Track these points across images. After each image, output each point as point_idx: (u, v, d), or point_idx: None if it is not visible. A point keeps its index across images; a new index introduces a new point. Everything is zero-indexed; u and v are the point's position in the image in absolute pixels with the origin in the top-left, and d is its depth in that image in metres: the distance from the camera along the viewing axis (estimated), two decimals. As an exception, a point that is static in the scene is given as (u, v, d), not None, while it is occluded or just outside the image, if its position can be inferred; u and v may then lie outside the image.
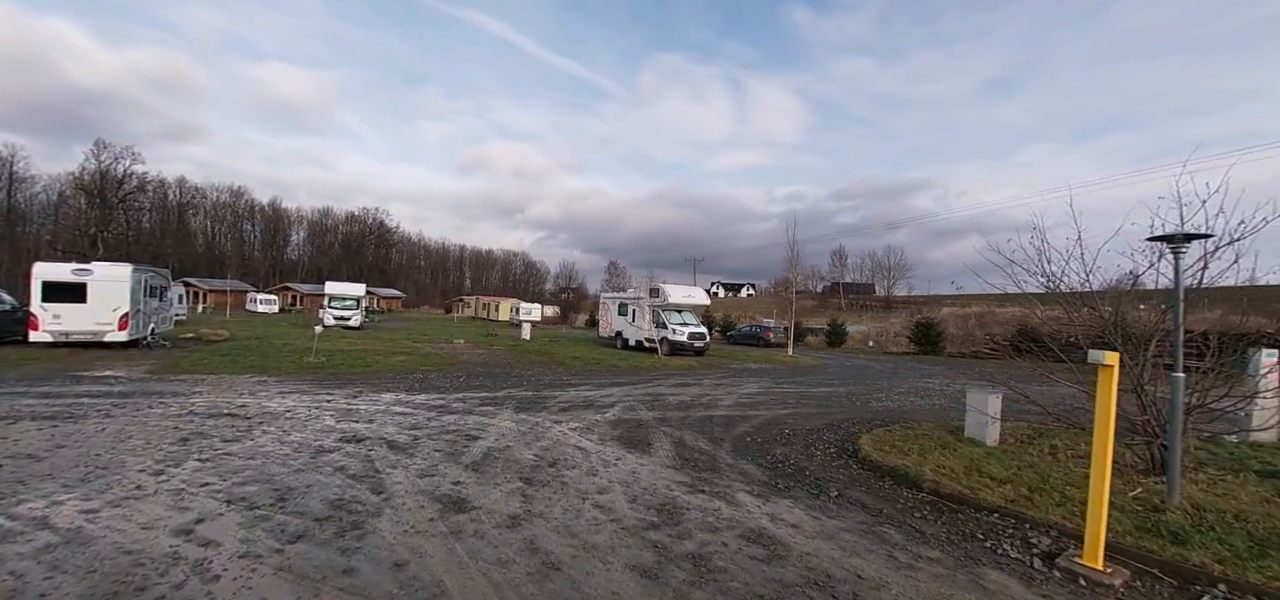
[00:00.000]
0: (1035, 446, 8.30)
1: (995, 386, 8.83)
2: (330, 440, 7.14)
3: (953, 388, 16.59)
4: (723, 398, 12.39)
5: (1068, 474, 6.69)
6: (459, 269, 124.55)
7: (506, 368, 16.81)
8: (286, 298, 74.78)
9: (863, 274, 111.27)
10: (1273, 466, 7.46)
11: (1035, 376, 19.17)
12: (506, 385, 12.92)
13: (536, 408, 10.09)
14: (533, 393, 11.89)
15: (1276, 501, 5.79)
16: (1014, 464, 7.06)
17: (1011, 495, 5.88)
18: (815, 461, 7.37)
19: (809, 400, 12.69)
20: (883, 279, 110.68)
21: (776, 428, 9.40)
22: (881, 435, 8.67)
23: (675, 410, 10.51)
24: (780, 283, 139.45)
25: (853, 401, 12.85)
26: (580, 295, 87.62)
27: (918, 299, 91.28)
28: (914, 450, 7.59)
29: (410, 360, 17.09)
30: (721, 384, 14.92)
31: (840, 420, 10.41)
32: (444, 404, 10.06)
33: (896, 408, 12.31)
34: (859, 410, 11.68)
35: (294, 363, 15.10)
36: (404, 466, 6.11)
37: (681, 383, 14.82)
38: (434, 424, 8.35)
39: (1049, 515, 5.35)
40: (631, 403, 11.11)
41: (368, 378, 13.23)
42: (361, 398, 10.40)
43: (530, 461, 6.55)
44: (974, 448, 7.92)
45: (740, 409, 11.06)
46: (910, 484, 6.41)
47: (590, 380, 14.55)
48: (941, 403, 13.34)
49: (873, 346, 40.30)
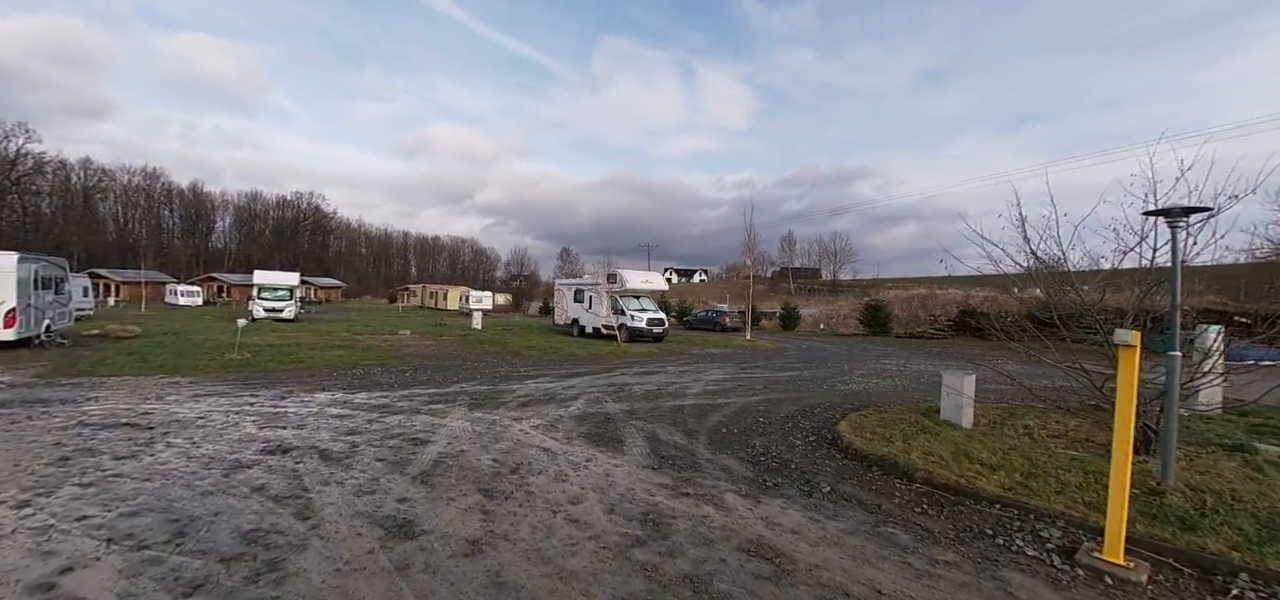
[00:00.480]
0: (1009, 427, 8.20)
1: (968, 368, 8.66)
2: (250, 452, 6.10)
3: (910, 368, 16.78)
4: (690, 385, 11.88)
5: (1053, 456, 6.52)
6: (403, 256, 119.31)
7: (457, 359, 15.73)
8: (211, 289, 69.33)
9: (810, 259, 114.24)
10: (1232, 440, 7.60)
11: (981, 356, 19.53)
12: (458, 379, 11.94)
13: (493, 404, 9.24)
14: (488, 387, 11.00)
15: (1258, 478, 5.75)
16: (997, 447, 6.84)
17: (1007, 483, 5.59)
18: (798, 453, 6.93)
19: (776, 385, 12.37)
20: (829, 263, 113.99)
21: (750, 416, 8.94)
22: (858, 421, 8.36)
23: (643, 401, 9.89)
24: (732, 268, 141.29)
25: (819, 385, 12.64)
26: (533, 282, 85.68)
27: (862, 282, 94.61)
28: (897, 436, 7.28)
29: (350, 354, 15.72)
30: (686, 370, 14.44)
31: (812, 405, 10.10)
32: (388, 403, 9.05)
33: (862, 390, 12.17)
34: (827, 394, 11.44)
35: (214, 361, 13.52)
36: (339, 482, 5.21)
37: (645, 371, 14.24)
38: (376, 427, 7.39)
39: (1051, 504, 5.07)
40: (596, 394, 10.41)
41: (300, 375, 11.93)
42: (292, 399, 9.24)
43: (489, 468, 5.77)
44: (953, 431, 7.71)
45: (709, 397, 10.57)
46: (901, 474, 6.05)
47: (549, 371, 13.74)
48: (903, 384, 13.35)
49: (824, 329, 41.11)
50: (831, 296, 76.85)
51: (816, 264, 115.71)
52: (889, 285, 64.86)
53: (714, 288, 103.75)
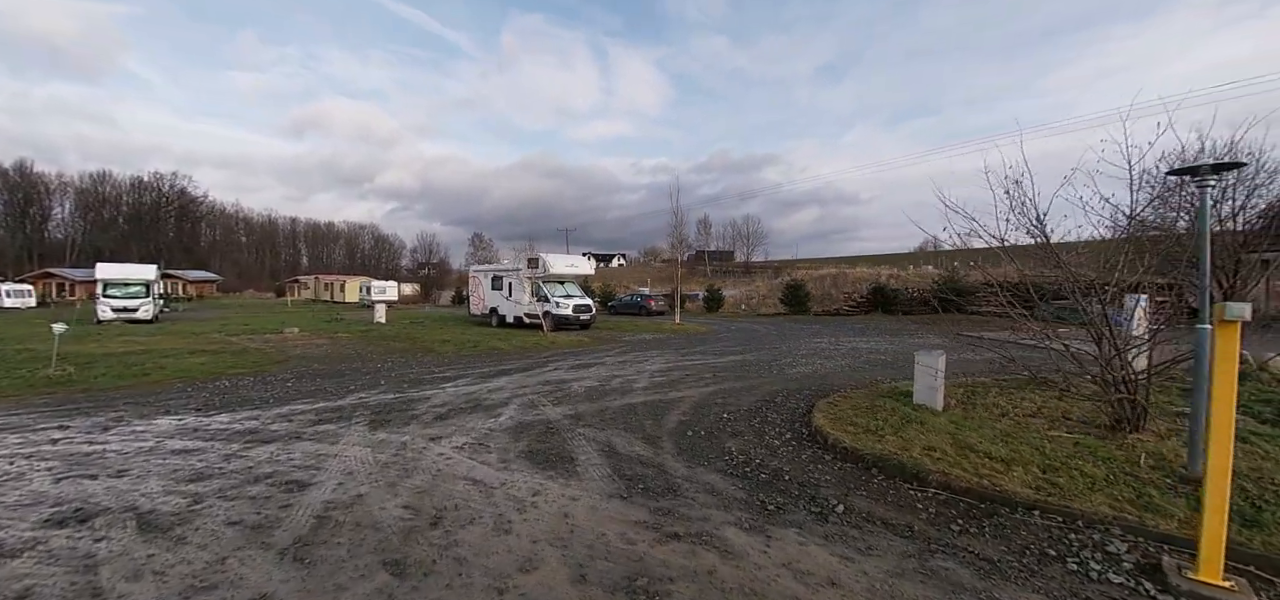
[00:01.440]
0: (981, 407, 7.71)
1: (935, 348, 8.09)
2: (26, 525, 4.08)
3: (844, 346, 16.62)
4: (634, 379, 10.63)
5: (1053, 442, 5.94)
6: (293, 246, 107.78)
7: (356, 361, 13.41)
8: (48, 287, 58.45)
9: (724, 242, 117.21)
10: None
11: (900, 329, 19.74)
12: (356, 386, 9.88)
13: (402, 417, 7.44)
14: (394, 394, 9.08)
15: (1272, 457, 5.44)
16: (991, 434, 6.21)
17: (1031, 481, 4.85)
18: (782, 456, 5.89)
19: (724, 373, 11.44)
20: (742, 246, 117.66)
21: (711, 412, 7.85)
22: (831, 410, 7.52)
23: (586, 401, 8.50)
24: (650, 251, 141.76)
25: (768, 369, 11.87)
26: (443, 270, 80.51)
27: (774, 263, 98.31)
28: (883, 428, 6.46)
29: (216, 361, 12.91)
30: (625, 361, 13.18)
31: (770, 394, 9.21)
32: (258, 426, 6.99)
33: (812, 372, 11.54)
34: (780, 380, 10.65)
35: (21, 378, 10.41)
36: (159, 572, 3.42)
37: (580, 363, 12.79)
38: (235, 466, 5.46)
39: (1094, 505, 4.34)
40: (529, 396, 8.87)
41: (141, 393, 9.33)
42: (119, 429, 6.92)
43: (398, 522, 4.17)
44: (935, 416, 7.05)
45: (659, 391, 9.37)
46: (910, 478, 5.16)
47: (470, 369, 11.92)
48: (847, 363, 12.94)
49: (745, 310, 41.55)
50: (747, 278, 78.98)
51: (730, 247, 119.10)
52: (799, 266, 67.37)
53: (634, 272, 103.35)
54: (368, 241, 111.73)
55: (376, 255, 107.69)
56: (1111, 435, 6.17)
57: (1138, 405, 6.23)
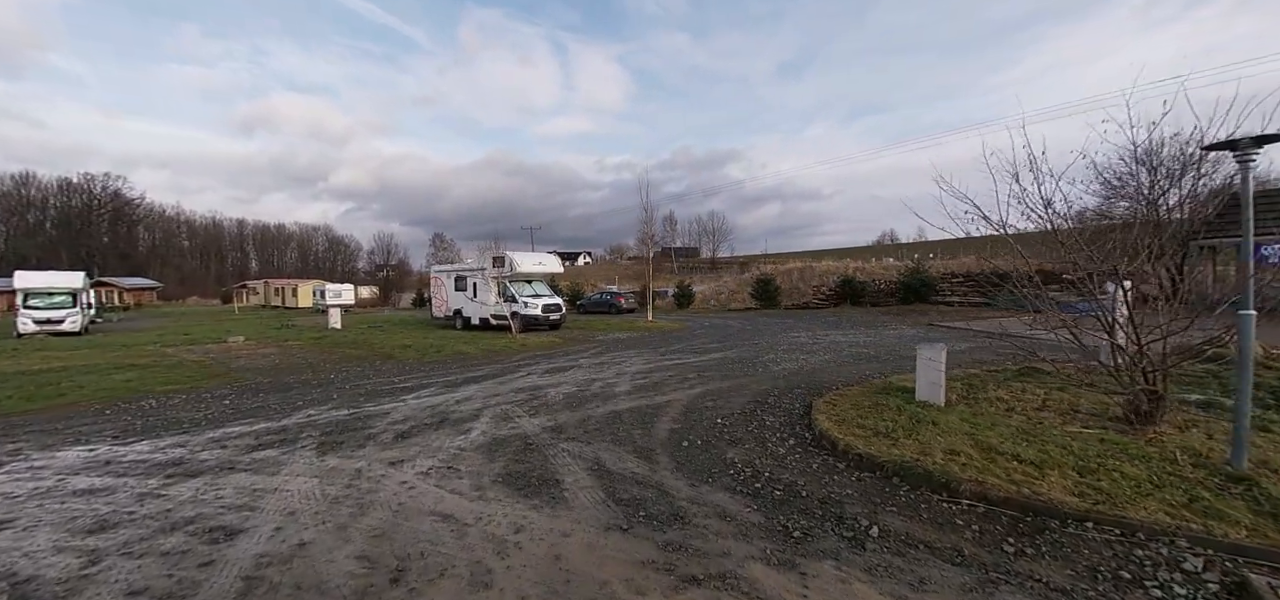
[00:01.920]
0: (983, 401, 7.33)
1: (936, 340, 7.68)
2: None
3: (824, 340, 16.31)
4: (615, 382, 9.94)
5: (1076, 438, 5.55)
6: (240, 249, 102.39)
7: (306, 372, 12.27)
8: (-42, 300, 53.45)
9: (690, 238, 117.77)
10: (1199, 395, 7.34)
11: (874, 321, 19.58)
12: (305, 402, 8.87)
13: (356, 438, 6.56)
14: (349, 410, 8.14)
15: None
16: (1006, 432, 5.79)
17: (1071, 486, 4.40)
18: (792, 467, 5.31)
19: (709, 372, 10.87)
20: (708, 242, 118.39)
21: (704, 417, 7.24)
22: (832, 411, 7.01)
23: (566, 410, 7.77)
24: (617, 248, 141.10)
25: (752, 367, 11.36)
26: (403, 272, 77.74)
27: (740, 259, 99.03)
28: (898, 430, 5.97)
29: (145, 377, 11.57)
30: (602, 363, 12.46)
31: (761, 393, 8.67)
32: (183, 456, 6.00)
33: (798, 369, 11.08)
34: (767, 378, 10.14)
35: (-100, 406, 8.97)
36: (14, 677, 2.55)
37: (555, 367, 12.01)
38: (149, 508, 4.52)
39: (1151, 514, 3.90)
40: (502, 407, 8.07)
41: (51, 418, 8.10)
42: (13, 465, 5.81)
43: (350, 579, 3.37)
44: (944, 414, 6.61)
45: (644, 394, 8.71)
46: (937, 487, 4.66)
47: (434, 377, 10.99)
48: (830, 357, 12.56)
49: (716, 306, 41.35)
50: (713, 274, 79.18)
51: (696, 243, 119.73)
52: (765, 260, 67.87)
53: (600, 270, 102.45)
54: (321, 243, 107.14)
55: (331, 258, 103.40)
56: (1132, 429, 5.83)
57: (1155, 397, 5.92)
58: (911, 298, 29.76)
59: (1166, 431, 5.67)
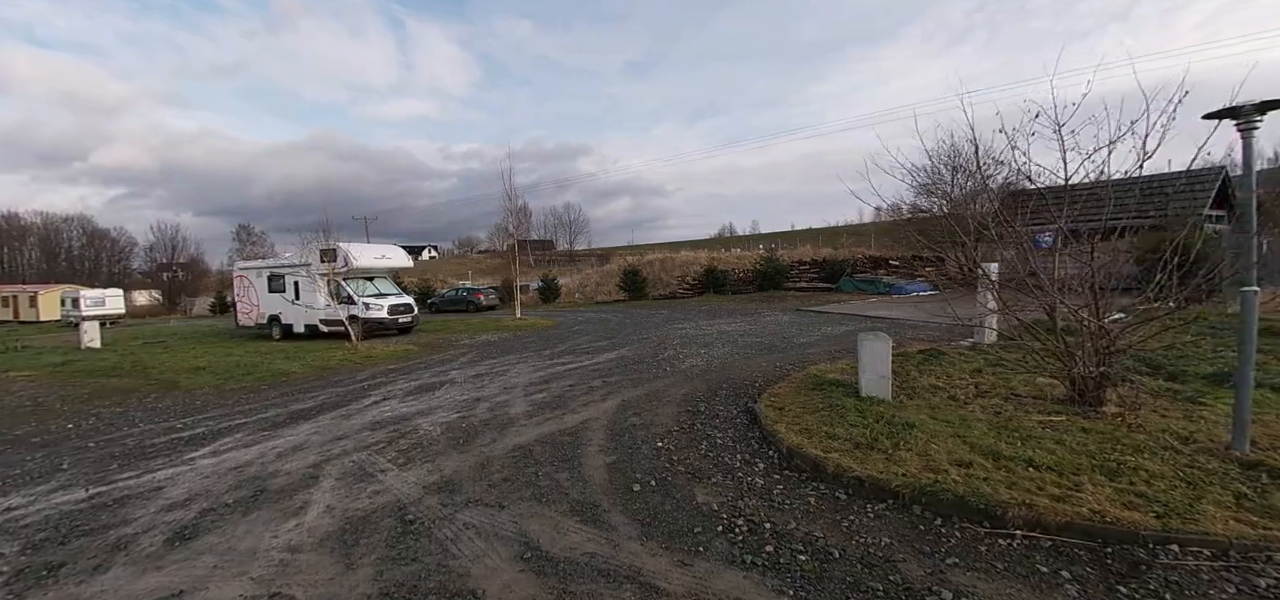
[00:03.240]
0: (923, 392, 6.87)
1: (880, 334, 7.07)
2: None
3: (714, 330, 15.73)
4: (507, 399, 7.95)
5: (1051, 427, 5.11)
6: (-67, 248, 75.92)
7: (26, 420, 8.24)
8: None
9: (544, 230, 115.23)
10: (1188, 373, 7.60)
11: (741, 308, 19.63)
12: (8, 481, 5.55)
13: (89, 554, 3.88)
14: (87, 492, 5.13)
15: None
16: (985, 429, 5.18)
17: (1118, 498, 3.73)
18: (789, 508, 4.05)
19: (613, 376, 9.36)
20: (564, 234, 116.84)
21: (639, 440, 5.73)
22: (786, 419, 5.97)
23: (452, 451, 5.70)
24: (466, 241, 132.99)
25: (657, 367, 10.11)
26: (197, 272, 63.83)
27: (598, 251, 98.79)
28: (879, 438, 5.04)
29: None
30: (480, 374, 10.25)
31: (685, 399, 7.41)
32: None
33: (708, 365, 10.08)
34: (682, 379, 8.94)
35: None
36: None
37: (420, 385, 9.53)
38: None
39: (1224, 525, 3.29)
40: (354, 456, 5.71)
41: None
42: None
43: None
44: (907, 411, 5.89)
45: (550, 415, 6.93)
46: (978, 516, 3.72)
47: (242, 416, 7.94)
48: (733, 350, 11.82)
49: (582, 298, 40.00)
50: (572, 266, 77.86)
51: (550, 235, 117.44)
52: (623, 252, 68.31)
53: (450, 265, 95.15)
54: (76, 237, 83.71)
55: (91, 256, 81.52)
56: (1085, 412, 5.60)
57: (1103, 376, 5.76)
58: (767, 285, 31.26)
59: (1124, 412, 5.49)
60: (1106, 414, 5.56)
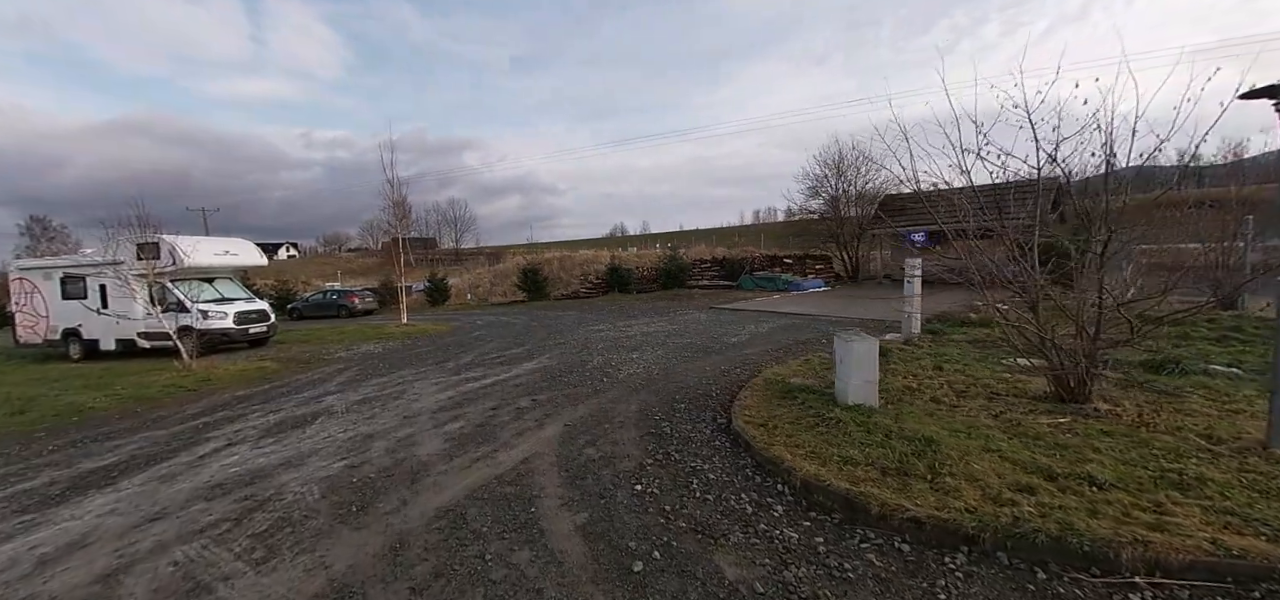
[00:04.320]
0: (900, 393, 6.30)
1: (857, 334, 6.39)
2: None
3: (635, 332, 14.63)
4: (412, 434, 6.15)
5: (1071, 431, 4.62)
6: None
7: None
8: None
9: (427, 227, 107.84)
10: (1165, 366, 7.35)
11: (659, 307, 18.96)
12: None
13: None
14: None
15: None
16: (1016, 443, 4.58)
17: (1207, 520, 3.16)
18: (849, 579, 3.01)
19: (540, 392, 7.87)
20: (449, 231, 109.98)
21: (609, 482, 4.41)
22: (785, 442, 4.99)
23: (339, 529, 3.95)
24: (333, 239, 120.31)
25: (587, 377, 8.76)
26: (-44, 277, 50.07)
27: (487, 249, 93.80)
28: (911, 460, 4.19)
29: None
30: (367, 398, 8.19)
31: (641, 419, 6.20)
32: None
33: (646, 372, 8.94)
34: (622, 391, 7.70)
35: None
36: None
37: (283, 420, 7.29)
38: None
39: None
40: (180, 564, 3.75)
41: None
42: None
43: None
44: (921, 423, 5.17)
45: (477, 454, 5.33)
46: (1079, 561, 2.95)
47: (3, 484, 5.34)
48: (667, 353, 10.79)
49: (474, 299, 37.13)
50: (459, 265, 73.10)
51: (435, 233, 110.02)
52: (518, 251, 65.35)
53: (313, 264, 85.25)
54: None
55: None
56: (1082, 410, 5.26)
57: (1090, 373, 5.48)
58: (672, 283, 30.94)
59: (1116, 409, 5.21)
60: (1102, 410, 5.26)
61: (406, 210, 21.25)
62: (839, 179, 32.66)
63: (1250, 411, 4.91)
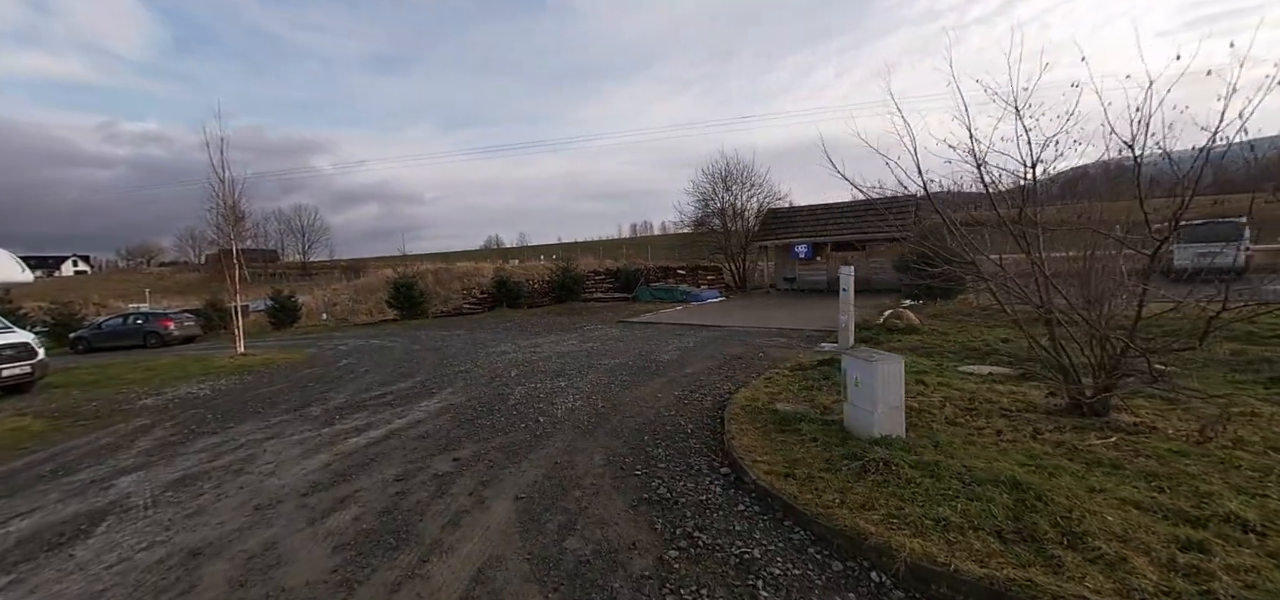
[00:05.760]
0: (922, 418, 5.49)
1: (880, 354, 5.47)
2: None
3: (545, 354, 12.85)
4: (275, 545, 4.00)
5: (1181, 466, 4.00)
6: None
7: None
8: None
9: (267, 238, 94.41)
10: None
11: (561, 324, 17.53)
12: None
13: None
14: None
15: None
16: (1107, 477, 3.84)
17: None
18: None
19: (463, 449, 5.98)
20: (296, 242, 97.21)
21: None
22: (856, 505, 3.82)
23: None
24: (142, 250, 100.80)
25: (516, 418, 6.99)
26: None
27: (342, 263, 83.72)
28: (1027, 519, 3.19)
29: None
30: (191, 480, 5.61)
31: (617, 473, 4.71)
32: None
33: (589, 406, 7.38)
34: (574, 436, 6.11)
35: None
36: None
37: (41, 531, 4.57)
38: None
39: None
40: None
41: None
42: None
43: None
44: (952, 453, 4.28)
45: (398, 575, 3.45)
46: None
47: None
48: (597, 380, 9.24)
49: (330, 319, 32.20)
50: (307, 281, 64.26)
51: (277, 244, 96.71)
52: (375, 264, 59.02)
53: (113, 281, 70.05)
54: None
55: None
56: (1109, 424, 4.78)
57: (1108, 387, 5.04)
58: (566, 296, 29.23)
59: (1143, 420, 4.78)
60: (1128, 423, 4.81)
61: (240, 215, 17.09)
62: (726, 192, 33.42)
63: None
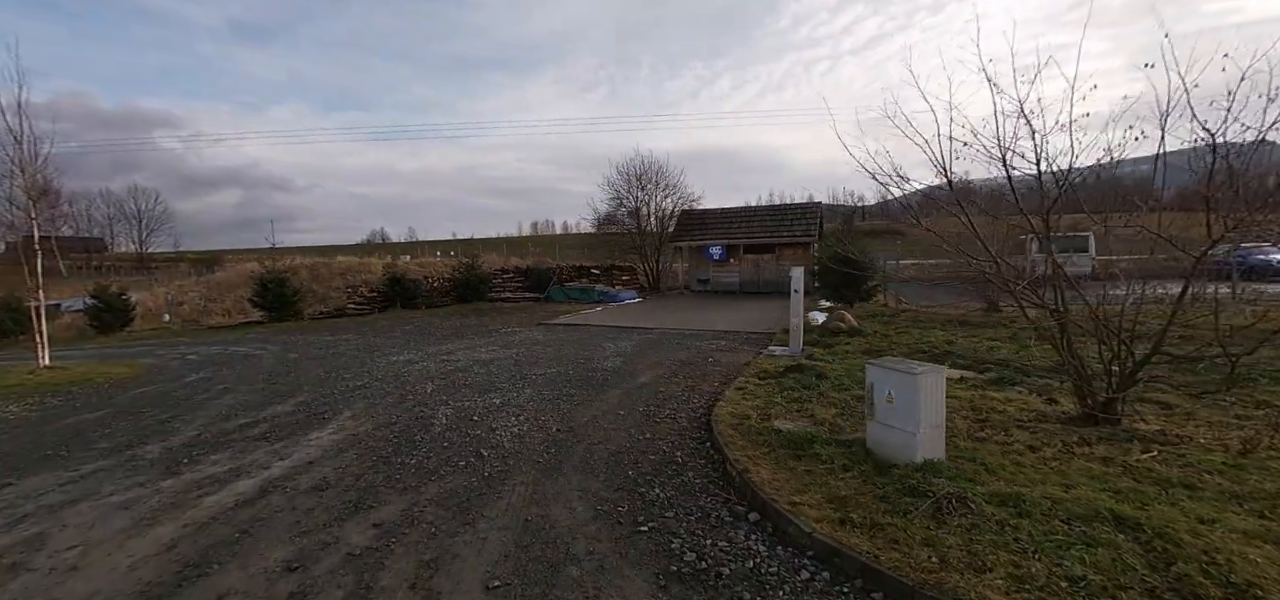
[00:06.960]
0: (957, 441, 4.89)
1: (916, 363, 4.79)
2: None
3: (464, 363, 11.12)
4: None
5: (1240, 480, 3.63)
6: None
7: None
8: None
9: (93, 225, 79.56)
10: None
11: (473, 327, 16.02)
12: None
13: None
14: None
15: None
16: (1188, 498, 3.37)
17: None
18: None
19: (379, 507, 4.47)
20: (130, 230, 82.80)
21: None
22: (947, 558, 2.99)
23: None
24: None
25: (450, 453, 5.52)
26: None
27: (191, 254, 72.24)
28: (1188, 572, 2.54)
29: None
30: None
31: (609, 538, 3.56)
32: None
33: (539, 430, 6.08)
34: (537, 475, 4.84)
35: None
36: None
37: None
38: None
39: None
40: None
41: None
42: None
43: None
44: (1023, 479, 3.66)
45: None
46: None
47: None
48: (540, 395, 7.85)
49: (176, 322, 26.99)
50: (144, 275, 54.39)
51: (105, 232, 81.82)
52: (242, 256, 51.42)
53: None
54: None
55: None
56: (1125, 432, 4.49)
57: (1121, 396, 4.77)
58: (471, 295, 26.85)
59: (1159, 426, 4.54)
60: (1144, 431, 4.55)
61: (47, 189, 13.16)
62: (640, 191, 32.82)
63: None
